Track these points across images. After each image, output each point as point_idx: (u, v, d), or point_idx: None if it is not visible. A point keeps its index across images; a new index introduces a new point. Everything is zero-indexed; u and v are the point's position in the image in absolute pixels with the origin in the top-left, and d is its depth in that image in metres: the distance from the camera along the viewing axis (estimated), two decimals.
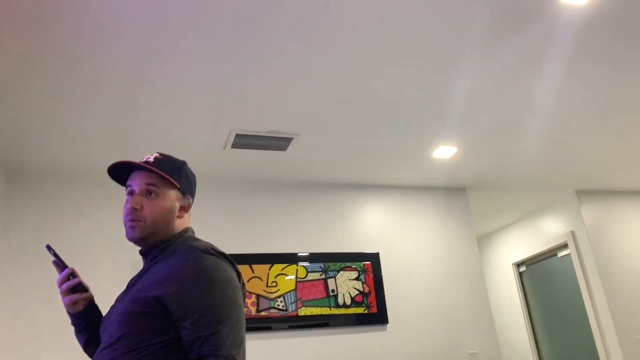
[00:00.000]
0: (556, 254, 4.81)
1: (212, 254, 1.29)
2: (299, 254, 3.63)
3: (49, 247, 1.41)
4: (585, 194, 4.56)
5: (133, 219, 1.35)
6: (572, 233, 4.53)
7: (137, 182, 1.38)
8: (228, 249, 3.51)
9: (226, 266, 1.31)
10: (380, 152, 3.52)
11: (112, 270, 3.24)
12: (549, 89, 2.90)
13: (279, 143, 3.24)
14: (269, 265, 3.52)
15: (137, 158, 3.27)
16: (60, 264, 1.43)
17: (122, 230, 3.35)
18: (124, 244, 3.32)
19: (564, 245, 4.67)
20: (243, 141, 3.18)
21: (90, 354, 1.48)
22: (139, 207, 1.35)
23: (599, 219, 4.51)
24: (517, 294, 5.16)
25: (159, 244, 1.38)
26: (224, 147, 3.24)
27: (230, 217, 3.65)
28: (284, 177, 3.77)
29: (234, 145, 3.22)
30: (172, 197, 1.40)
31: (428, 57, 2.54)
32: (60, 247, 3.21)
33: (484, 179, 4.11)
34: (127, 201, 1.38)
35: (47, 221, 3.26)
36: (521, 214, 5.08)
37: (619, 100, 3.08)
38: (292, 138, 3.20)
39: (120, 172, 1.43)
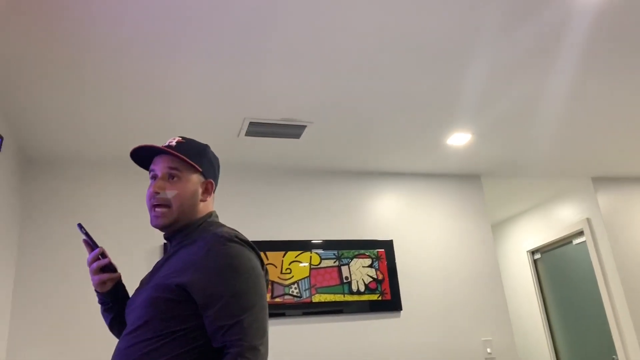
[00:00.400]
0: (571, 242, 4.77)
1: (236, 242, 1.28)
2: (312, 241, 3.65)
3: (80, 226, 1.43)
4: (601, 180, 4.51)
5: (156, 203, 1.35)
6: (588, 220, 4.50)
7: (159, 166, 1.39)
8: None
9: (250, 254, 1.30)
10: (394, 140, 3.51)
11: (132, 258, 3.28)
12: (565, 75, 2.87)
13: (292, 131, 3.25)
14: (283, 252, 3.54)
15: (155, 144, 3.29)
16: (91, 243, 1.44)
17: (142, 217, 3.39)
18: (144, 231, 3.36)
19: (580, 233, 4.63)
20: (257, 129, 3.19)
21: (115, 333, 1.51)
22: (161, 191, 1.35)
23: (615, 206, 4.46)
24: (532, 282, 5.14)
25: (184, 229, 1.38)
26: (238, 135, 3.26)
27: (244, 204, 3.67)
28: (298, 164, 3.78)
29: (248, 133, 3.23)
30: (195, 180, 1.40)
31: (441, 45, 2.52)
32: (77, 236, 3.26)
33: (498, 165, 4.09)
34: (150, 185, 1.39)
35: (64, 208, 3.31)
36: (536, 201, 5.05)
37: (635, 87, 3.03)
38: (305, 126, 3.20)
39: (143, 156, 1.44)
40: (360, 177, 3.99)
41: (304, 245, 3.61)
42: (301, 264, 3.55)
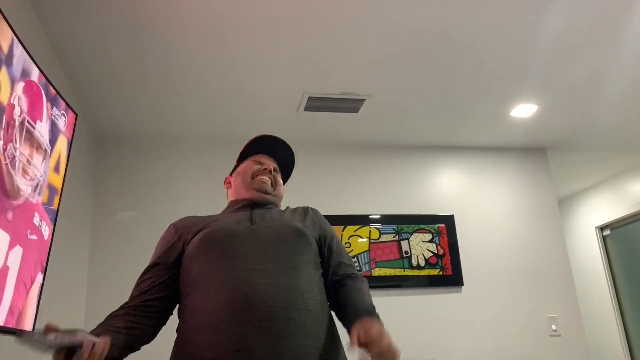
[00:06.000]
0: None
1: None
2: (371, 216, 3.64)
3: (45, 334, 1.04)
4: None
5: (267, 180, 1.76)
6: None
7: (270, 162, 1.83)
8: None
9: None
10: (455, 112, 3.42)
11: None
12: (636, 42, 2.69)
13: (351, 105, 3.23)
14: (342, 226, 3.56)
15: (219, 123, 3.37)
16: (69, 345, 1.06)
17: (208, 193, 3.46)
18: (209, 208, 3.43)
19: None
20: (315, 104, 3.19)
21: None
22: (272, 179, 1.80)
23: None
24: (600, 259, 4.94)
25: (269, 203, 1.77)
26: (297, 110, 3.27)
27: (303, 179, 3.69)
28: (357, 139, 3.77)
29: (307, 108, 3.24)
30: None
31: (508, 14, 2.41)
32: (148, 211, 3.40)
33: (566, 138, 3.91)
34: (257, 166, 1.78)
35: (134, 184, 3.45)
36: (606, 174, 4.82)
37: None
38: (364, 99, 3.18)
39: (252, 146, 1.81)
40: (420, 151, 3.93)
41: (363, 220, 3.62)
42: (360, 239, 3.56)
